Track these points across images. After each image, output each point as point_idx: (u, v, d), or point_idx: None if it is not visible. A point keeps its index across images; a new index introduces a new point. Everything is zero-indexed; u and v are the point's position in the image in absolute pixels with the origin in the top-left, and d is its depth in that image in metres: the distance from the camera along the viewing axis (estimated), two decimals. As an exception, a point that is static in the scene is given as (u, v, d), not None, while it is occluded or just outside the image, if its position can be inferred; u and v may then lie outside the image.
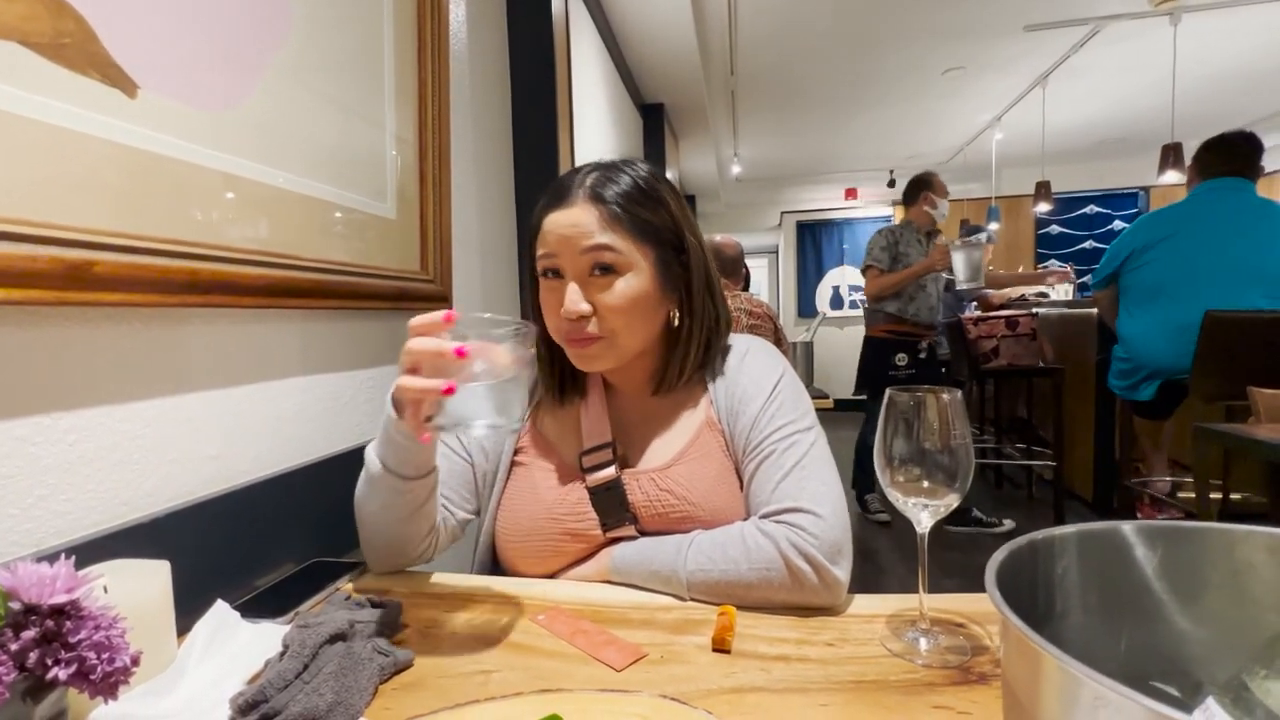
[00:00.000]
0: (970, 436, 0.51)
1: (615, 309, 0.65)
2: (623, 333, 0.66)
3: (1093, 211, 6.00)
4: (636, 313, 0.66)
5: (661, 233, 0.68)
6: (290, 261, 0.75)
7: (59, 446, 0.52)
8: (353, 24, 0.89)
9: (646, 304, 0.67)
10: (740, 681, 0.47)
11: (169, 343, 0.62)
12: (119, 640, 0.37)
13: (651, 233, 0.67)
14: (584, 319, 0.64)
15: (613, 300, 0.65)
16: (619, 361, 0.68)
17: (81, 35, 0.51)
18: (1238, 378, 1.80)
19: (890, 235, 2.89)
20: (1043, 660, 0.21)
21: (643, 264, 0.66)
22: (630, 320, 0.66)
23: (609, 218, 0.65)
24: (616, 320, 0.65)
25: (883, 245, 2.87)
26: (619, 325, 0.65)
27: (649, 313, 0.68)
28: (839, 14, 3.05)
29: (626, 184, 0.67)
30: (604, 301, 0.65)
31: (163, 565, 0.50)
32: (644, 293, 0.66)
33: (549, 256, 0.66)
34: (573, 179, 0.68)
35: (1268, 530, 0.30)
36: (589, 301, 0.64)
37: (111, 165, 0.54)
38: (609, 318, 0.65)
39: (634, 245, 0.66)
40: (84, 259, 0.50)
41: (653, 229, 0.67)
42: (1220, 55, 3.65)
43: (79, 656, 0.35)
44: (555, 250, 0.65)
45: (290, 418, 0.79)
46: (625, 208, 0.65)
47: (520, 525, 0.70)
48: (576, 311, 0.64)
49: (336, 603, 0.58)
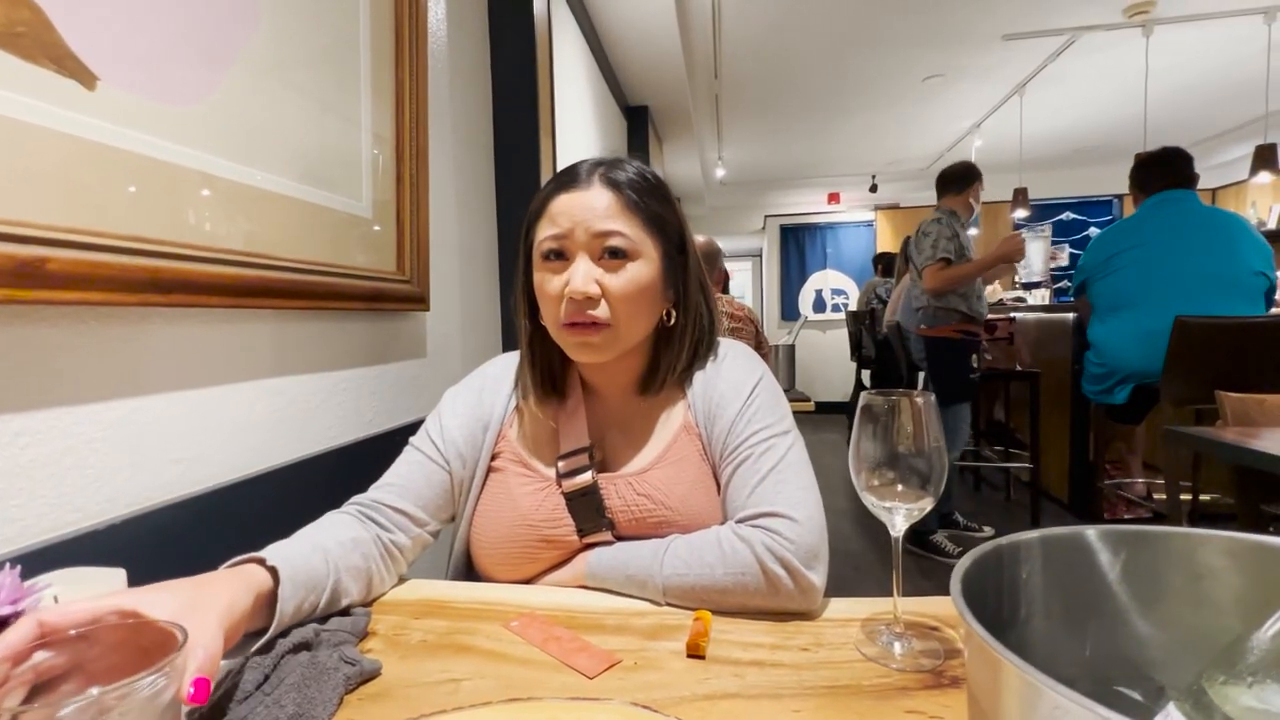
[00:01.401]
0: (944, 439, 0.51)
1: (623, 295, 0.64)
2: (625, 322, 0.65)
3: (1068, 218, 6.11)
4: (642, 302, 0.66)
5: (668, 228, 0.69)
6: (261, 261, 0.73)
7: (8, 450, 0.50)
8: (326, 18, 0.88)
9: (651, 295, 0.66)
10: (713, 688, 0.47)
11: (129, 343, 0.60)
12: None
13: (660, 226, 0.68)
14: (590, 300, 0.63)
15: (621, 285, 0.64)
16: (616, 353, 0.67)
17: (37, 24, 0.49)
18: (1206, 382, 1.84)
19: (950, 224, 2.55)
20: (1003, 668, 0.21)
21: (652, 254, 0.66)
22: (635, 309, 0.65)
23: (624, 204, 0.65)
24: (622, 307, 0.64)
25: (948, 235, 2.52)
26: (623, 314, 0.64)
27: (651, 305, 0.67)
28: (822, 20, 3.08)
29: (639, 176, 0.67)
30: (612, 286, 0.64)
31: (118, 573, 0.48)
32: (651, 282, 0.66)
33: (558, 237, 0.64)
34: (582, 166, 0.68)
35: (1227, 534, 0.30)
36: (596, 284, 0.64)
37: (67, 159, 0.52)
38: (615, 304, 0.64)
39: (645, 235, 0.66)
40: (35, 255, 0.48)
41: (662, 222, 0.68)
42: (1191, 67, 3.75)
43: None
44: (566, 230, 0.64)
45: (260, 421, 0.77)
46: (639, 197, 0.66)
47: (496, 532, 0.69)
48: (585, 291, 0.62)
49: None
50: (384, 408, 1.04)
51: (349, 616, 0.56)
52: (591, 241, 0.64)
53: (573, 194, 0.65)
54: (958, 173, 2.68)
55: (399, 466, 0.72)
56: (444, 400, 0.75)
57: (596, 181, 0.66)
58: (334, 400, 0.91)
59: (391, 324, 1.08)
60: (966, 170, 2.68)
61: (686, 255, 0.71)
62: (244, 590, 0.47)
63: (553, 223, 0.65)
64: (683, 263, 0.71)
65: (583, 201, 0.65)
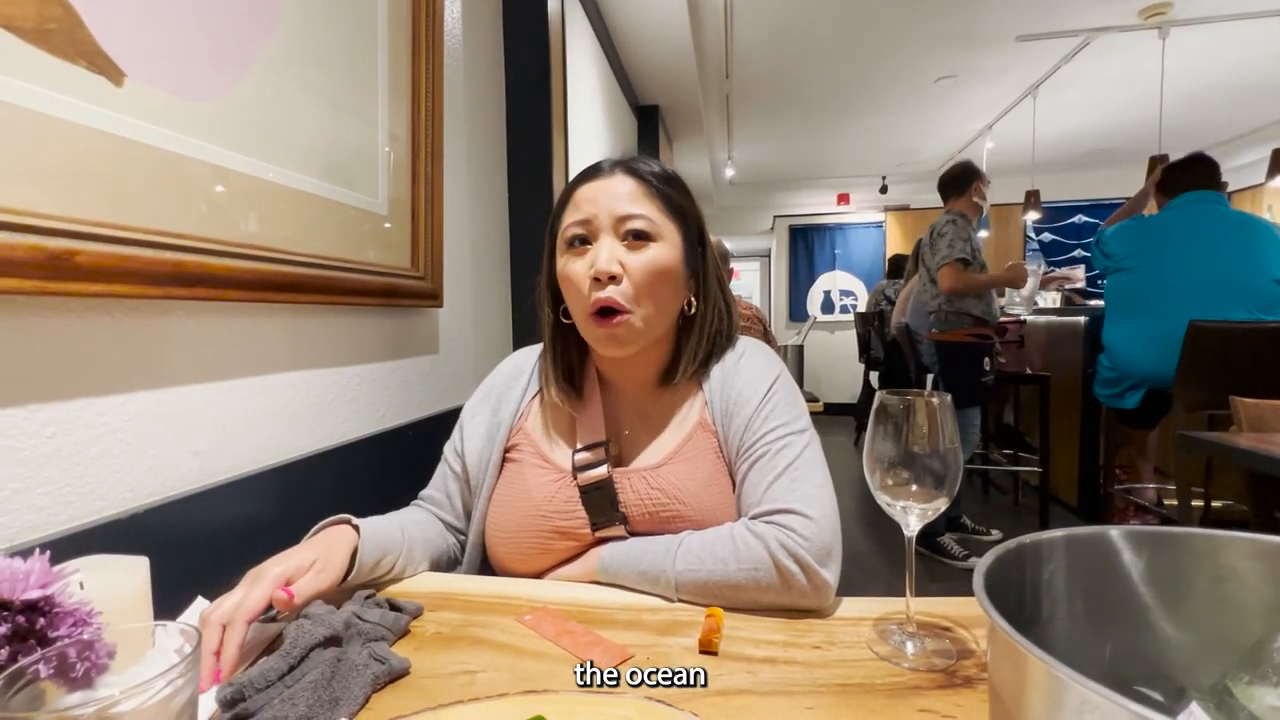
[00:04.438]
0: (959, 440, 0.51)
1: (645, 275, 0.65)
2: (647, 305, 0.66)
3: (1081, 221, 6.06)
4: (664, 284, 0.67)
5: (689, 218, 0.71)
6: (278, 256, 0.74)
7: (36, 439, 0.51)
8: (345, 18, 0.89)
9: (673, 279, 0.68)
10: (726, 684, 0.47)
11: (152, 335, 0.61)
12: (95, 635, 0.37)
13: (681, 214, 0.70)
14: (614, 279, 0.65)
15: (644, 265, 0.65)
16: (641, 345, 0.68)
17: (68, 21, 0.50)
18: (1220, 387, 1.82)
19: (963, 226, 2.55)
20: (1029, 664, 0.21)
21: (674, 239, 0.69)
22: (657, 290, 0.66)
23: (646, 190, 0.68)
24: (644, 288, 0.65)
25: (963, 236, 2.51)
26: (645, 295, 0.66)
27: (674, 290, 0.69)
28: (833, 21, 3.07)
29: (660, 169, 0.71)
30: (635, 266, 0.65)
31: (141, 561, 0.49)
32: (673, 265, 0.68)
33: (582, 222, 0.67)
34: (604, 161, 0.71)
35: (1251, 536, 0.30)
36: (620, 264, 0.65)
37: (96, 154, 0.53)
38: (638, 284, 0.65)
39: (666, 219, 0.68)
40: (66, 248, 0.49)
41: (682, 211, 0.70)
42: (1207, 69, 3.71)
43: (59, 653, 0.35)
44: (590, 215, 0.66)
45: (276, 414, 0.78)
46: (660, 185, 0.69)
47: (510, 521, 0.70)
48: (608, 270, 0.64)
49: (357, 600, 0.57)
50: (397, 403, 1.05)
51: (393, 613, 0.56)
52: (615, 225, 0.66)
53: (596, 182, 0.68)
54: (953, 174, 2.68)
55: (435, 477, 0.79)
56: (464, 413, 0.79)
57: (619, 171, 0.69)
58: (348, 395, 0.92)
59: (405, 319, 1.09)
60: (962, 170, 2.66)
61: (705, 247, 0.73)
62: (343, 543, 0.60)
63: (577, 209, 0.67)
64: (702, 253, 0.73)
65: (606, 188, 0.67)
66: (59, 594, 0.37)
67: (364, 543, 0.61)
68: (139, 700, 0.31)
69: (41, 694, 0.37)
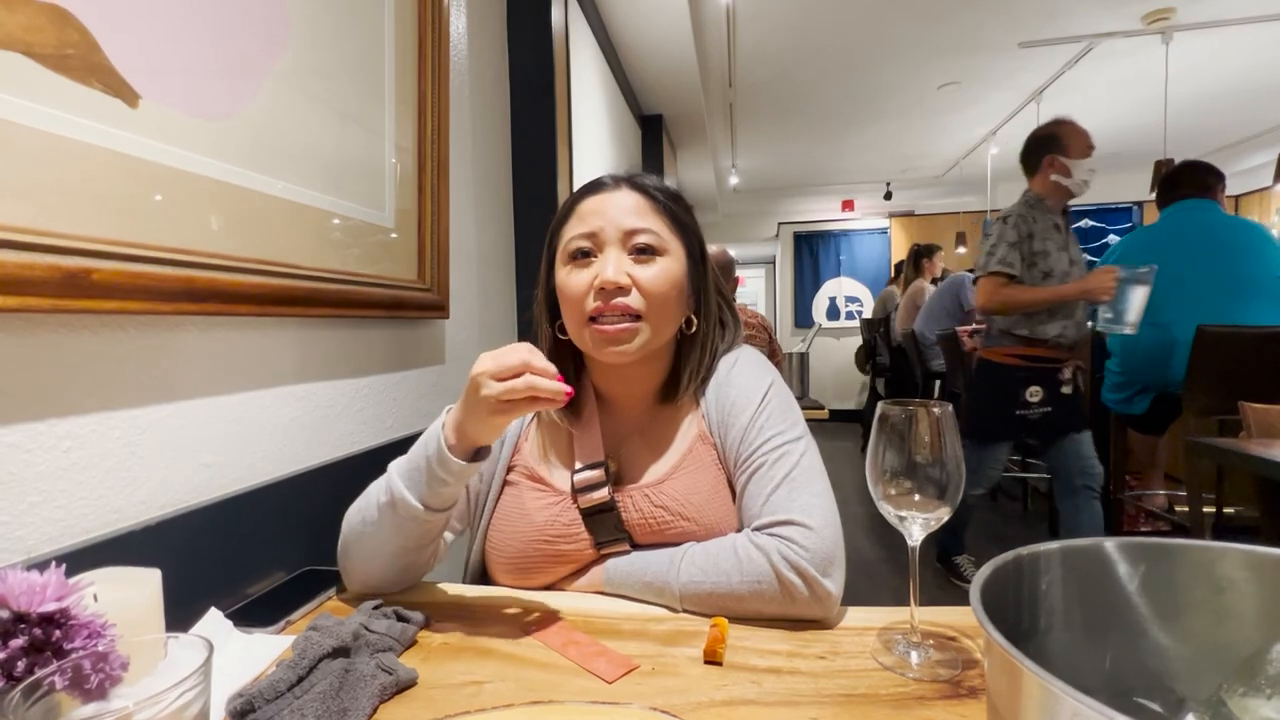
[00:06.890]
0: (962, 450, 0.51)
1: (654, 287, 0.65)
2: (656, 315, 0.66)
3: (1087, 225, 6.04)
4: (670, 298, 0.67)
5: (691, 234, 0.71)
6: (287, 270, 0.75)
7: (53, 453, 0.52)
8: (353, 34, 0.90)
9: (679, 292, 0.68)
10: (731, 694, 0.47)
11: (164, 350, 0.62)
12: (109, 647, 0.37)
13: (684, 230, 0.70)
14: (622, 290, 0.64)
15: (652, 277, 0.65)
16: (645, 353, 0.67)
17: (85, 46, 0.52)
18: (1230, 392, 1.81)
19: (1020, 226, 1.96)
20: (1024, 677, 0.22)
21: (679, 253, 0.69)
22: (665, 303, 0.66)
23: (652, 205, 0.68)
24: (653, 299, 0.65)
25: (1011, 241, 1.95)
26: (654, 305, 0.65)
27: (679, 303, 0.69)
28: (836, 28, 3.09)
29: (664, 185, 0.71)
30: (643, 278, 0.65)
31: (153, 573, 0.50)
32: (679, 279, 0.68)
33: (588, 235, 0.66)
34: (606, 176, 0.71)
35: (1247, 548, 0.30)
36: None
37: (112, 174, 0.54)
38: (647, 295, 0.65)
39: (671, 234, 0.69)
40: (82, 267, 0.50)
41: (686, 228, 0.71)
42: (1211, 73, 3.70)
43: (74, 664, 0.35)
44: (596, 228, 0.66)
45: (285, 426, 0.79)
46: (666, 201, 0.69)
47: (511, 547, 0.69)
48: (616, 281, 0.63)
49: (364, 610, 0.57)
50: (404, 414, 1.06)
51: (400, 624, 0.56)
52: (623, 238, 0.66)
53: (601, 196, 0.68)
54: (1028, 145, 2.03)
55: None
56: None
57: (624, 186, 0.69)
58: (355, 406, 0.93)
59: (411, 331, 1.10)
60: (1034, 141, 2.00)
61: (706, 264, 0.73)
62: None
63: (582, 221, 0.67)
64: (703, 270, 0.73)
65: (612, 202, 0.67)
66: (74, 606, 0.38)
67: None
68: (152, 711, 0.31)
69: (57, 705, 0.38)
